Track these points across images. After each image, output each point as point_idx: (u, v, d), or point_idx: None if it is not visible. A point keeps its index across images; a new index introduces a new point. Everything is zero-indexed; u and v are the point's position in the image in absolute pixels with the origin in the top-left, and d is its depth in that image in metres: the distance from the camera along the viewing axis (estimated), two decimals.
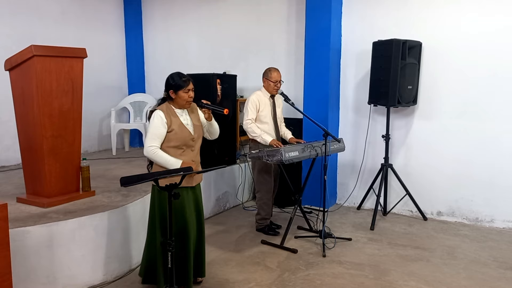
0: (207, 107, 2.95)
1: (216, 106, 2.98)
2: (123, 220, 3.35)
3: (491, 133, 4.39)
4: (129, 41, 6.80)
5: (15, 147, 3.80)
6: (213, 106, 2.96)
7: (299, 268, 3.46)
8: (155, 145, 2.79)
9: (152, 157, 2.80)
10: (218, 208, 4.96)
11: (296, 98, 5.14)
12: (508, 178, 4.35)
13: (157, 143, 2.79)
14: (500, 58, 4.29)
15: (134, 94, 6.56)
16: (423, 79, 4.67)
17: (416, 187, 4.75)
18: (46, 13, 5.61)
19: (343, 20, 5.04)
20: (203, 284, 3.15)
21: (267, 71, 4.07)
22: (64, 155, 3.41)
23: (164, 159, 2.79)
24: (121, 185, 2.39)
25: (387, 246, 3.93)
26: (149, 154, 2.79)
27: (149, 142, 2.79)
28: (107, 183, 4.10)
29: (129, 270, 3.39)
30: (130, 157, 5.74)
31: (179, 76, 2.85)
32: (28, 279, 2.86)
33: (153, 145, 2.78)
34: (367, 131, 4.95)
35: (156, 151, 2.78)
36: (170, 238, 2.56)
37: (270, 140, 3.90)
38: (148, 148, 2.79)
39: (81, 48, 3.47)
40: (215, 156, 4.83)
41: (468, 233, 4.30)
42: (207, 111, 2.98)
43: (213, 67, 5.74)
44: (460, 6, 4.43)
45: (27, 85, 3.27)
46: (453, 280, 3.26)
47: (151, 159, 2.84)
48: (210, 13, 6.11)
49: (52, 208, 3.29)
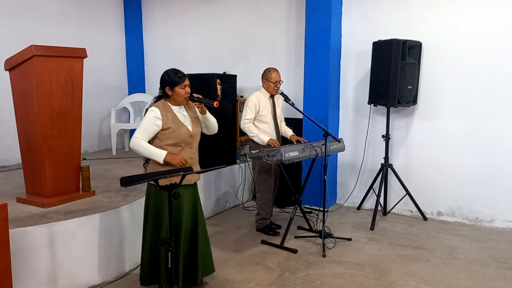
0: (198, 100, 2.90)
1: (205, 99, 2.92)
2: (123, 220, 3.35)
3: (491, 133, 4.39)
4: (129, 41, 6.81)
5: (15, 147, 3.80)
6: (203, 100, 2.91)
7: (299, 268, 3.46)
8: (139, 137, 2.75)
9: (136, 148, 2.76)
10: (218, 208, 4.96)
11: (296, 98, 5.14)
12: (508, 178, 4.35)
13: (143, 136, 2.76)
14: (500, 58, 4.29)
15: (134, 94, 6.57)
16: (423, 79, 4.67)
17: (416, 187, 4.75)
18: (46, 13, 5.61)
19: (343, 20, 5.04)
20: (203, 284, 3.15)
21: (266, 72, 4.07)
22: (64, 155, 3.41)
23: (147, 150, 2.76)
24: (121, 185, 2.39)
25: (387, 246, 3.93)
26: (132, 144, 2.76)
27: (135, 134, 2.77)
28: (107, 183, 4.10)
29: (129, 270, 3.39)
30: (130, 157, 5.74)
31: (174, 73, 2.83)
32: (28, 279, 2.86)
33: (137, 136, 2.75)
34: (367, 131, 4.95)
35: (139, 142, 2.74)
36: (170, 238, 2.56)
37: (267, 140, 3.90)
38: (132, 139, 2.76)
39: (81, 48, 3.47)
40: (215, 156, 4.83)
41: (468, 233, 4.30)
42: (199, 104, 2.94)
43: (213, 67, 5.74)
44: (460, 6, 4.43)
45: (27, 85, 3.27)
46: (453, 280, 3.26)
47: (134, 150, 2.80)
48: (210, 13, 6.11)
49: (52, 208, 3.29)
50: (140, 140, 2.75)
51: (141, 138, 2.76)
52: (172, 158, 2.75)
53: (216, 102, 2.93)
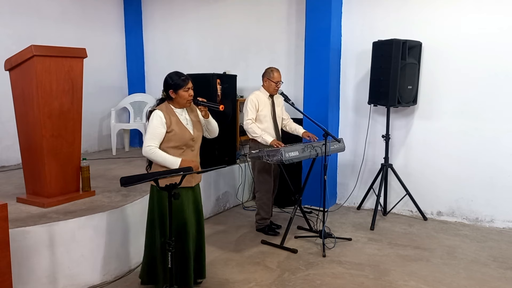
0: (203, 104, 2.91)
1: (211, 103, 2.94)
2: (123, 220, 3.35)
3: (491, 133, 4.39)
4: (129, 41, 6.81)
5: (15, 147, 3.80)
6: (208, 103, 2.92)
7: (299, 268, 3.46)
8: (153, 145, 2.77)
9: (151, 156, 2.78)
10: (218, 208, 4.96)
11: (296, 98, 5.14)
12: (508, 178, 4.35)
13: (156, 142, 2.78)
14: (500, 58, 4.29)
15: (134, 94, 6.57)
16: (423, 79, 4.67)
17: (416, 187, 4.75)
18: (46, 13, 5.61)
19: (343, 20, 5.04)
20: (203, 284, 3.15)
21: (268, 71, 4.07)
22: (64, 155, 3.41)
23: (163, 158, 2.77)
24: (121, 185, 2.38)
25: (387, 246, 3.93)
26: (148, 153, 2.78)
27: (147, 142, 2.77)
28: (107, 183, 4.10)
29: (129, 270, 3.39)
30: (130, 157, 5.74)
31: (177, 76, 2.83)
32: (28, 279, 2.86)
33: (151, 144, 2.77)
34: (367, 131, 4.95)
35: (155, 150, 2.76)
36: (170, 238, 2.56)
37: (271, 141, 3.90)
38: (146, 148, 2.77)
39: (81, 48, 3.47)
40: (215, 156, 4.83)
41: (468, 233, 4.30)
42: (203, 108, 2.94)
43: (213, 67, 5.74)
44: (460, 6, 4.43)
45: (27, 85, 3.27)
46: (453, 280, 3.26)
47: (150, 158, 2.83)
48: (210, 13, 6.11)
49: (52, 208, 3.29)
50: (155, 148, 2.77)
51: (154, 145, 2.77)
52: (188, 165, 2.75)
53: (222, 105, 2.95)
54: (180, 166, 2.75)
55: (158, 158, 2.77)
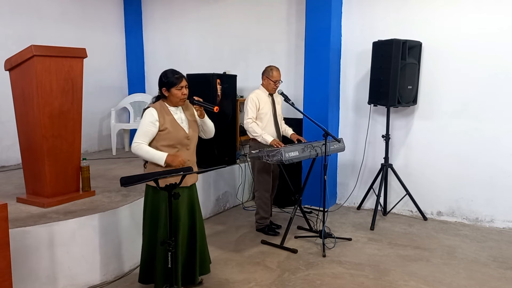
0: (199, 104, 2.89)
1: (206, 103, 2.92)
2: (123, 220, 3.35)
3: (491, 133, 4.39)
4: (129, 41, 6.81)
5: (15, 147, 3.80)
6: (204, 103, 2.90)
7: (299, 268, 3.46)
8: (140, 142, 2.76)
9: (137, 152, 2.77)
10: (218, 208, 4.96)
11: (296, 98, 5.14)
12: (508, 178, 4.35)
13: (144, 140, 2.77)
14: (500, 58, 4.29)
15: (134, 94, 6.57)
16: (423, 79, 4.67)
17: (416, 187, 4.75)
18: (46, 13, 5.61)
19: (343, 20, 5.04)
20: (203, 284, 3.15)
21: (268, 70, 4.07)
22: (64, 155, 3.41)
23: (149, 153, 2.76)
24: (121, 185, 2.39)
25: (387, 246, 3.93)
26: (134, 149, 2.78)
27: (135, 139, 2.78)
28: (107, 183, 4.10)
29: (129, 270, 3.39)
30: (130, 157, 5.74)
31: (172, 73, 2.82)
32: (28, 279, 2.86)
33: (137, 141, 2.77)
34: (367, 131, 4.95)
35: (140, 146, 2.75)
36: (170, 238, 2.56)
37: (271, 140, 3.90)
38: (133, 144, 2.78)
39: (81, 48, 3.47)
40: (215, 156, 4.83)
41: (468, 233, 4.30)
42: (199, 108, 2.92)
43: (213, 67, 5.74)
44: (460, 6, 4.43)
45: (27, 85, 3.27)
46: (453, 280, 3.26)
47: (136, 154, 2.81)
48: (210, 13, 6.11)
49: (52, 208, 3.29)
50: (140, 144, 2.76)
51: (141, 142, 2.77)
52: (172, 160, 2.75)
53: (216, 107, 2.92)
54: (165, 161, 2.73)
55: (144, 153, 2.76)
